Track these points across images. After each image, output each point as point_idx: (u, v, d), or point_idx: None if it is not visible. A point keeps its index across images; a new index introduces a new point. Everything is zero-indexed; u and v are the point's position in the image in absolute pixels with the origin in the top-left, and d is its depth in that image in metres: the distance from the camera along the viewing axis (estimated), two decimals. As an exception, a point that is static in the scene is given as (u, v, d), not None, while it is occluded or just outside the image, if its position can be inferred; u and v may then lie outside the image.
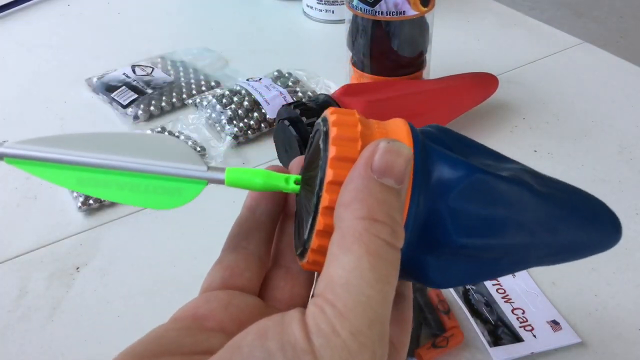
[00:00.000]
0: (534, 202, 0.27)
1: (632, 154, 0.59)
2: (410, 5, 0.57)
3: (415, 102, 0.57)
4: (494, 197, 0.26)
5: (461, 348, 0.42)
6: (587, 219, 0.29)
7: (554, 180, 0.29)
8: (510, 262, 0.27)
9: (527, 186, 0.27)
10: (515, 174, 0.28)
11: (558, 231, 0.27)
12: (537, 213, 0.27)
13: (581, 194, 0.30)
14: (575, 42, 0.77)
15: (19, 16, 0.87)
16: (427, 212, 0.26)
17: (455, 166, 0.26)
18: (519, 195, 0.27)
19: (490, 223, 0.26)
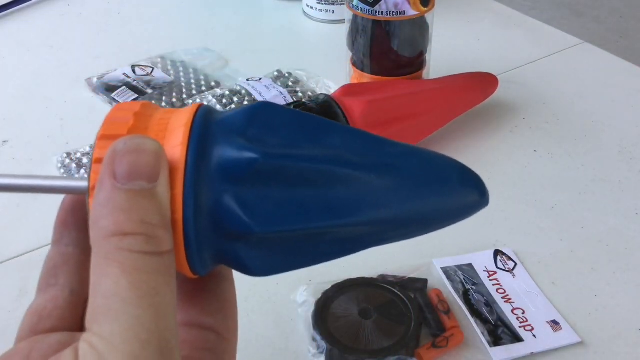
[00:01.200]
0: (345, 177, 0.24)
1: (632, 154, 0.59)
2: (410, 5, 0.57)
3: (415, 102, 0.57)
4: (289, 180, 0.24)
5: (461, 348, 0.42)
6: (431, 185, 0.26)
7: (401, 147, 0.27)
8: (335, 244, 0.25)
9: (337, 161, 0.25)
10: (326, 149, 0.25)
11: (391, 204, 0.25)
12: (354, 189, 0.25)
13: (428, 158, 0.27)
14: (575, 42, 0.77)
15: (19, 16, 0.87)
16: (215, 202, 0.24)
17: (238, 151, 0.24)
18: (322, 174, 0.24)
19: (288, 207, 0.24)
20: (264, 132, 0.24)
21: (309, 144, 0.25)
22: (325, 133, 0.25)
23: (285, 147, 0.24)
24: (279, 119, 0.25)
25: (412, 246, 0.50)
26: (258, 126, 0.24)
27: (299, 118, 0.25)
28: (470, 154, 0.59)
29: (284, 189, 0.24)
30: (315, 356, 0.42)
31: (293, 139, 0.25)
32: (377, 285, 0.45)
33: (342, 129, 0.26)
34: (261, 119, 0.25)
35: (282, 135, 0.24)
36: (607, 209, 0.53)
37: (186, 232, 0.23)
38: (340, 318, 0.43)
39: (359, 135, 0.26)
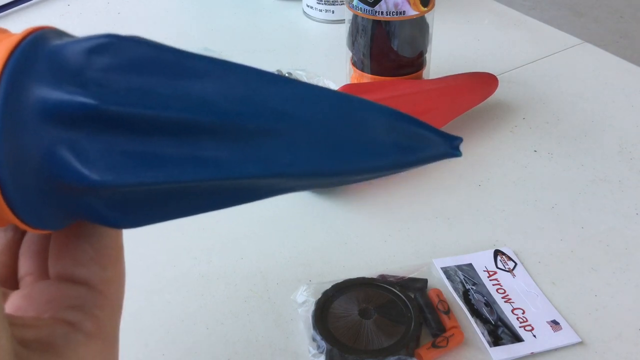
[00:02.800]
0: (221, 129, 0.21)
1: (632, 154, 0.59)
2: (410, 5, 0.57)
3: (415, 102, 0.57)
4: (139, 129, 0.20)
5: (461, 348, 0.42)
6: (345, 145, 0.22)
7: (305, 88, 0.22)
8: (211, 196, 0.22)
9: (204, 110, 0.21)
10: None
11: (278, 162, 0.21)
12: (224, 143, 0.21)
13: (343, 105, 0.22)
14: (575, 42, 0.77)
15: (19, 16, 0.87)
16: (43, 152, 0.20)
17: (69, 94, 0.20)
18: (186, 123, 0.21)
19: (138, 159, 0.20)
20: (109, 73, 0.20)
21: (168, 88, 0.21)
22: (194, 74, 0.21)
23: (134, 92, 0.20)
24: (132, 54, 0.21)
25: (412, 246, 0.50)
26: (101, 65, 0.20)
27: (160, 54, 0.22)
28: (470, 154, 0.59)
29: (132, 138, 0.20)
30: (315, 356, 0.42)
31: (146, 82, 0.21)
32: (377, 285, 0.45)
33: (220, 66, 0.22)
34: (107, 56, 0.21)
35: (132, 77, 0.21)
36: (607, 209, 0.53)
37: (3, 191, 0.20)
38: (340, 318, 0.43)
39: (243, 73, 0.22)
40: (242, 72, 0.22)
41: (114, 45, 0.21)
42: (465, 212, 0.53)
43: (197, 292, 0.47)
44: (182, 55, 0.22)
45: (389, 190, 0.56)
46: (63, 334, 0.22)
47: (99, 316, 0.24)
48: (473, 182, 0.56)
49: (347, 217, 0.53)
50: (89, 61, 0.20)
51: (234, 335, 0.44)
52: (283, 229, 0.52)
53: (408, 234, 0.51)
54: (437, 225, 0.52)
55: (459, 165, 0.58)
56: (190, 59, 0.22)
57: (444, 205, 0.54)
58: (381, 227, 0.52)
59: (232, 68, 0.22)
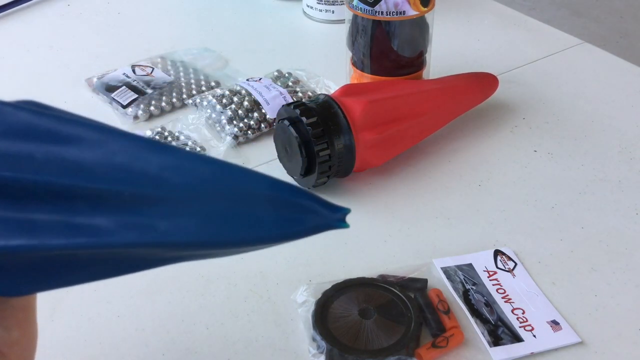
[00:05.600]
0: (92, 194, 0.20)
1: (632, 154, 0.59)
2: (410, 5, 0.57)
3: (415, 102, 0.57)
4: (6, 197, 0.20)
5: (461, 348, 0.42)
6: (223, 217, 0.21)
7: (180, 154, 0.21)
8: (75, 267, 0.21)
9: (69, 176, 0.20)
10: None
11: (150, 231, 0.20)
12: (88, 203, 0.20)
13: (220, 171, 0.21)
14: (575, 42, 0.77)
15: (19, 16, 0.87)
16: None
17: None
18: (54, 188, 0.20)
19: (11, 218, 0.19)
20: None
21: (43, 154, 0.20)
22: (72, 140, 0.20)
23: (7, 157, 0.20)
24: (10, 120, 0.21)
25: (412, 246, 0.50)
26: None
27: (39, 120, 0.21)
28: (470, 154, 0.59)
29: (5, 204, 0.19)
30: (315, 356, 0.42)
31: (21, 148, 0.20)
32: (377, 285, 0.45)
33: (100, 132, 0.21)
34: None
35: (6, 144, 0.20)
36: (607, 209, 0.53)
37: None
38: (340, 318, 0.43)
39: (124, 139, 0.21)
40: (123, 139, 0.21)
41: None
42: (465, 212, 0.53)
43: (197, 292, 0.47)
44: (61, 120, 0.21)
45: (389, 190, 0.56)
46: None
47: None
48: (473, 182, 0.56)
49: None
50: None
51: (234, 335, 0.44)
52: (283, 229, 0.52)
53: (408, 234, 0.51)
54: (437, 225, 0.52)
55: (459, 165, 0.58)
56: (69, 125, 0.21)
57: (444, 205, 0.54)
58: (381, 227, 0.52)
59: (113, 134, 0.21)
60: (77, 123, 0.21)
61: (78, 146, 0.20)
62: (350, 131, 0.52)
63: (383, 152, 0.55)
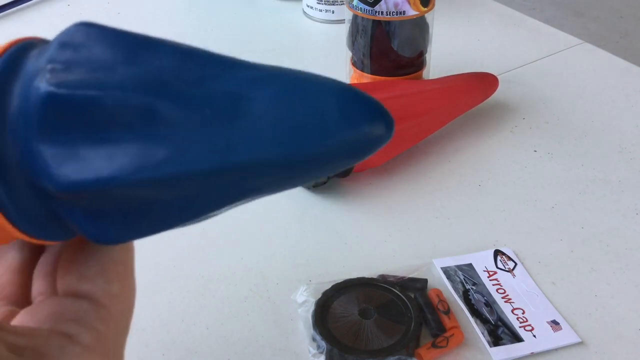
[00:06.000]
0: (178, 116, 0.19)
1: (632, 154, 0.59)
2: (410, 5, 0.57)
3: (415, 102, 0.57)
4: (97, 121, 0.19)
5: (461, 348, 0.42)
6: (297, 123, 0.20)
7: (256, 70, 0.21)
8: (180, 202, 0.20)
9: (160, 93, 0.20)
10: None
11: (235, 149, 0.19)
12: (180, 132, 0.19)
13: (294, 83, 0.21)
14: (575, 42, 0.77)
15: (19, 16, 0.87)
16: (21, 154, 0.19)
17: (34, 88, 0.19)
18: (142, 110, 0.19)
19: (98, 159, 0.19)
20: (72, 61, 0.19)
21: (125, 68, 0.19)
22: (151, 52, 0.20)
23: (91, 72, 0.19)
24: (95, 40, 0.20)
25: (412, 246, 0.50)
26: (66, 54, 0.19)
27: (120, 37, 0.20)
28: (470, 154, 0.59)
29: (91, 132, 0.19)
30: (315, 356, 0.42)
31: (104, 62, 0.19)
32: (377, 285, 0.45)
33: (174, 48, 0.21)
34: (72, 45, 0.19)
35: (92, 60, 0.19)
36: (607, 209, 0.53)
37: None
38: (340, 318, 0.43)
39: (197, 55, 0.21)
40: (199, 56, 0.21)
41: (80, 32, 0.20)
42: (465, 212, 0.53)
43: (197, 292, 0.47)
44: (139, 35, 0.21)
45: (389, 190, 0.56)
46: (59, 345, 0.22)
47: (100, 330, 0.24)
48: (473, 182, 0.56)
49: (347, 217, 0.53)
50: (56, 54, 0.19)
51: (234, 335, 0.44)
52: (283, 229, 0.52)
53: (408, 234, 0.51)
54: (437, 225, 0.52)
55: (459, 165, 0.58)
56: (145, 38, 0.21)
57: (444, 205, 0.54)
58: (381, 227, 0.52)
59: (188, 52, 0.21)
60: (157, 42, 0.21)
61: (157, 57, 0.20)
62: (350, 131, 0.52)
63: (383, 152, 0.55)
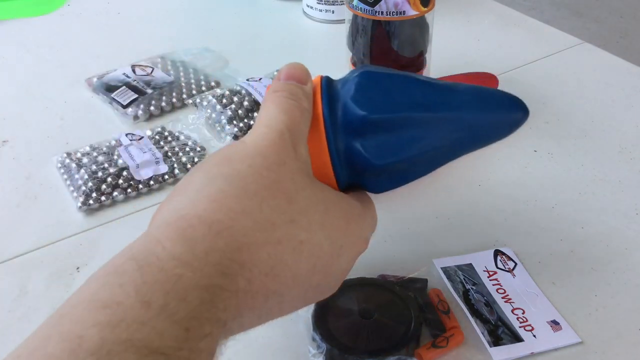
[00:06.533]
0: (428, 86, 0.36)
1: (632, 154, 0.59)
2: (410, 5, 0.57)
3: (416, 102, 0.57)
4: (393, 126, 0.35)
5: (461, 348, 0.42)
6: (487, 100, 0.37)
7: (464, 88, 0.37)
8: (431, 160, 0.37)
9: (421, 79, 0.37)
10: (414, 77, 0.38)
11: (459, 108, 0.36)
12: (431, 95, 0.36)
13: (485, 91, 0.38)
14: (575, 42, 0.77)
15: (19, 16, 0.87)
16: (346, 148, 0.35)
17: (351, 109, 0.35)
18: (411, 81, 0.36)
19: (395, 146, 0.35)
20: (370, 95, 0.36)
21: (402, 98, 0.35)
22: (412, 88, 0.36)
23: (385, 103, 0.35)
24: (379, 82, 0.36)
25: (412, 246, 0.50)
26: (364, 90, 0.36)
27: (393, 79, 0.36)
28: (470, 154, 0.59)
29: (390, 133, 0.35)
30: (315, 356, 0.42)
31: (390, 96, 0.35)
32: (377, 285, 0.45)
33: (423, 83, 0.37)
34: (366, 85, 0.36)
35: (382, 94, 0.36)
36: (607, 209, 0.53)
37: (330, 149, 0.35)
38: (340, 318, 0.43)
39: (434, 85, 0.37)
40: (432, 84, 0.37)
41: (369, 77, 0.37)
42: (465, 212, 0.53)
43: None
44: (401, 75, 0.37)
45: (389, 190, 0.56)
46: None
47: None
48: (473, 182, 0.56)
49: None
50: (357, 90, 0.36)
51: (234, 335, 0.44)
52: (283, 229, 0.52)
53: (408, 234, 0.51)
54: (437, 225, 0.52)
55: (459, 165, 0.58)
56: (405, 77, 0.37)
57: (444, 205, 0.54)
58: (381, 227, 0.52)
59: (426, 82, 0.37)
60: (417, 80, 0.38)
61: (415, 90, 0.37)
62: (350, 131, 0.52)
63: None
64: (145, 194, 0.56)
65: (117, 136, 0.61)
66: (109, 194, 0.55)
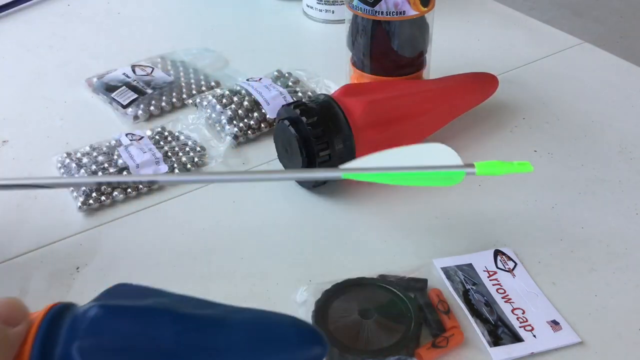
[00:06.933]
0: (174, 330, 0.28)
1: (632, 154, 0.59)
2: (410, 5, 0.57)
3: (415, 102, 0.57)
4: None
5: (461, 348, 0.42)
6: (266, 342, 0.28)
7: (230, 306, 0.30)
8: None
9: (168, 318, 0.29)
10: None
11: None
12: (180, 339, 0.28)
13: (261, 315, 0.29)
14: (575, 42, 0.77)
15: (19, 16, 0.87)
16: None
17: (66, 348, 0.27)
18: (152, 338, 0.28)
19: None
20: (100, 343, 0.27)
21: (145, 344, 0.28)
22: (161, 328, 0.29)
23: (119, 353, 0.27)
24: (118, 318, 0.28)
25: (412, 246, 0.50)
26: (94, 334, 0.27)
27: (139, 315, 0.29)
28: (470, 154, 0.59)
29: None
30: (315, 356, 0.42)
31: (128, 342, 0.28)
32: (377, 285, 0.45)
33: (178, 319, 0.29)
34: (99, 326, 0.28)
35: (119, 339, 0.28)
36: (607, 209, 0.53)
37: None
38: (340, 318, 0.43)
39: (194, 320, 0.30)
40: (184, 322, 0.30)
41: (104, 313, 0.28)
42: (465, 212, 0.53)
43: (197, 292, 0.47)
44: (159, 314, 0.30)
45: (389, 190, 0.56)
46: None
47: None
48: (473, 182, 0.56)
49: (347, 217, 0.53)
50: (85, 333, 0.27)
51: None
52: (283, 229, 0.52)
53: (408, 234, 0.51)
54: (437, 225, 0.52)
55: (459, 165, 0.58)
56: (150, 310, 0.30)
57: (444, 205, 0.54)
58: (381, 227, 0.52)
59: (177, 318, 0.30)
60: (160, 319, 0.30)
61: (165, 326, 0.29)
62: (350, 131, 0.52)
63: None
64: (146, 194, 0.56)
65: (117, 136, 0.61)
66: (109, 194, 0.55)
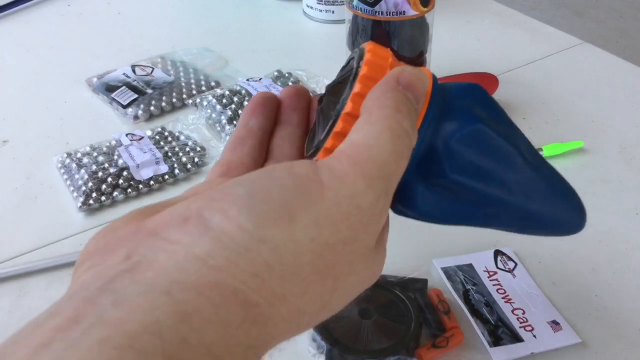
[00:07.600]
0: (520, 166, 0.31)
1: (632, 154, 0.59)
2: (410, 5, 0.57)
3: (415, 102, 0.57)
4: (488, 150, 0.30)
5: (461, 348, 0.42)
6: (559, 197, 0.33)
7: (544, 160, 0.33)
8: (485, 214, 0.32)
9: (519, 151, 0.31)
10: (514, 139, 0.33)
11: (532, 198, 0.31)
12: (519, 176, 0.31)
13: (560, 177, 0.33)
14: (575, 42, 0.77)
15: (19, 16, 0.87)
16: (430, 145, 0.30)
17: (463, 114, 0.30)
18: (510, 156, 0.31)
19: (479, 169, 0.30)
20: (469, 156, 0.30)
21: (495, 173, 0.31)
22: (511, 165, 0.31)
23: (476, 170, 0.30)
24: (486, 144, 0.31)
25: (412, 246, 0.50)
26: (467, 146, 0.30)
27: (500, 149, 0.32)
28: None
29: (481, 153, 0.30)
30: (315, 356, 0.42)
31: (484, 163, 0.31)
32: (377, 285, 0.45)
33: (523, 165, 0.32)
34: (472, 142, 0.30)
35: (481, 158, 0.31)
36: (607, 209, 0.53)
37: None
38: (340, 318, 0.43)
39: (531, 168, 0.33)
40: (525, 169, 0.32)
41: (480, 98, 0.33)
42: (465, 212, 0.53)
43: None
44: (511, 154, 0.32)
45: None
46: None
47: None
48: (473, 182, 0.56)
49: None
50: (462, 141, 0.30)
51: None
52: (283, 229, 0.52)
53: (408, 234, 0.51)
54: (437, 225, 0.52)
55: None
56: (515, 156, 0.32)
57: (444, 205, 0.54)
58: (381, 227, 0.52)
59: (522, 163, 0.32)
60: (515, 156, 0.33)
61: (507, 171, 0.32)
62: (350, 131, 0.52)
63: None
64: (146, 194, 0.56)
65: (117, 136, 0.61)
66: (109, 194, 0.55)
